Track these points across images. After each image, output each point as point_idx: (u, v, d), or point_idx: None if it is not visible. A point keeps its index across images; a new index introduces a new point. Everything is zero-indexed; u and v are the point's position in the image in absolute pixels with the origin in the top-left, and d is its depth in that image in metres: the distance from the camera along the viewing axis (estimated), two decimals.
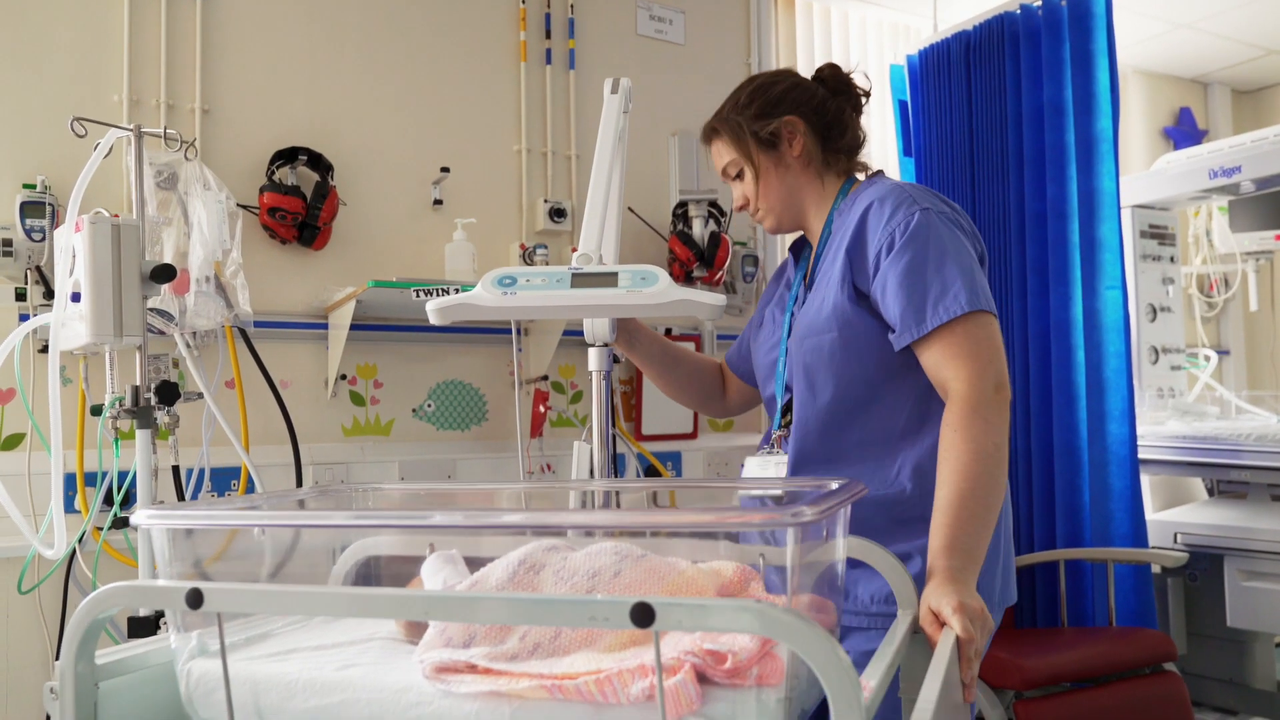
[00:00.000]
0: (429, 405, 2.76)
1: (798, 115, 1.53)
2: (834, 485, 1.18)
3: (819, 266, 1.52)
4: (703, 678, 0.90)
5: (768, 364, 1.60)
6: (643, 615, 0.79)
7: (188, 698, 1.05)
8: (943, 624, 1.07)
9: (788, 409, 1.51)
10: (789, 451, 1.48)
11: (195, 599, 0.91)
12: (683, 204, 3.05)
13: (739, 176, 1.58)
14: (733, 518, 1.12)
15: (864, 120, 1.61)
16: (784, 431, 1.51)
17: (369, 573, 1.31)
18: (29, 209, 2.20)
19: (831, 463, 1.44)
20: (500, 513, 1.20)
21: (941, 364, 1.33)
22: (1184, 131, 4.45)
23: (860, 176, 1.58)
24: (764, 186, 1.55)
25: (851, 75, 1.58)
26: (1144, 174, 3.57)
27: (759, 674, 0.90)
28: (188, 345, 2.25)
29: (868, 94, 1.60)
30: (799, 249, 1.66)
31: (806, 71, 1.61)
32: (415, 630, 1.13)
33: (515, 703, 0.93)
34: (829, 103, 1.55)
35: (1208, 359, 3.88)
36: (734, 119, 1.55)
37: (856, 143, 1.58)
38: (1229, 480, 3.16)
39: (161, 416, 1.94)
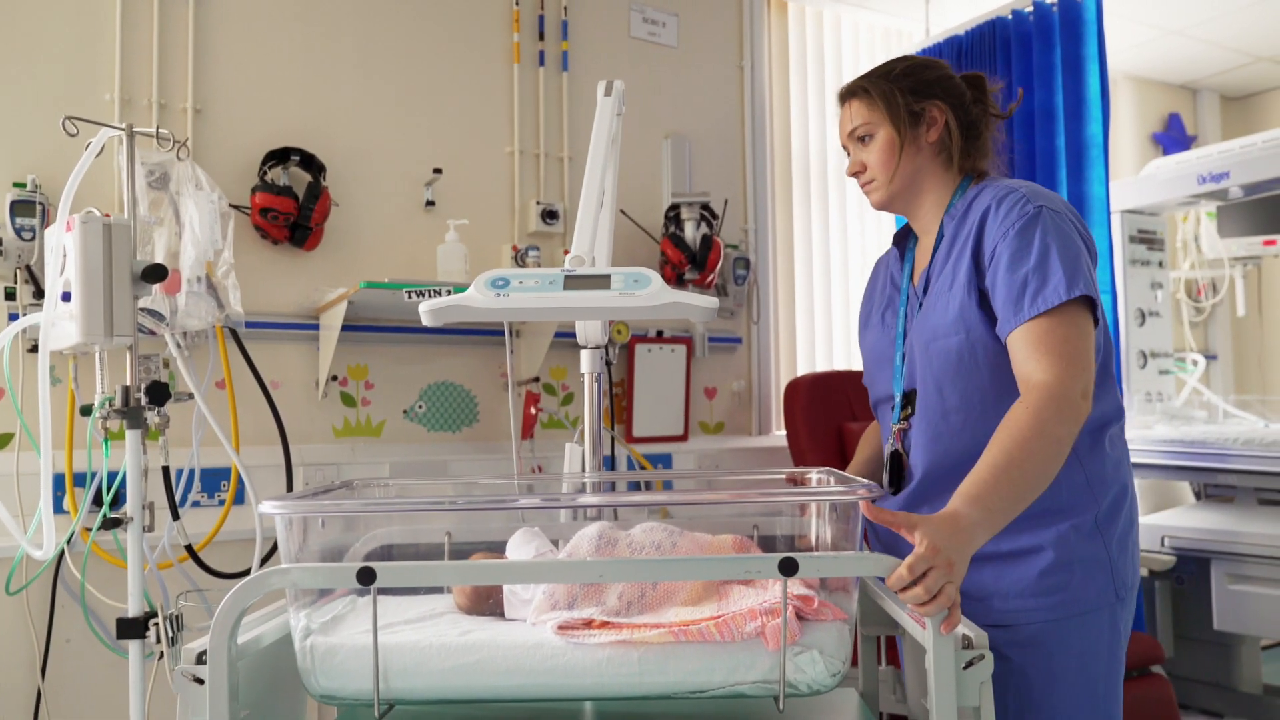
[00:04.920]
0: (420, 406, 2.76)
1: (947, 104, 1.53)
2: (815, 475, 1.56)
3: (934, 266, 1.52)
4: (798, 615, 1.15)
5: (881, 364, 1.60)
6: (789, 566, 1.06)
7: (310, 670, 1.15)
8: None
9: (906, 402, 1.52)
10: (919, 455, 1.48)
11: (367, 576, 1.05)
12: (675, 206, 3.05)
13: (863, 140, 1.56)
14: (799, 495, 1.47)
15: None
16: (904, 425, 1.51)
17: (386, 559, 1.39)
18: (19, 208, 2.19)
19: (965, 465, 1.38)
20: (580, 495, 1.60)
21: (1030, 356, 1.33)
22: (1173, 137, 4.47)
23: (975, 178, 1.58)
24: (891, 159, 1.53)
25: (993, 93, 1.59)
26: (1133, 179, 3.59)
27: (832, 612, 1.17)
28: (178, 345, 2.24)
29: (1001, 117, 1.60)
30: (902, 241, 1.66)
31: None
32: (473, 602, 1.31)
33: (641, 649, 1.12)
34: (973, 106, 1.56)
35: (1195, 363, 3.90)
36: (886, 85, 1.53)
37: (984, 152, 1.58)
38: (1216, 484, 3.18)
39: (152, 417, 1.93)
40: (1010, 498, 1.23)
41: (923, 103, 1.52)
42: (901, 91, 1.52)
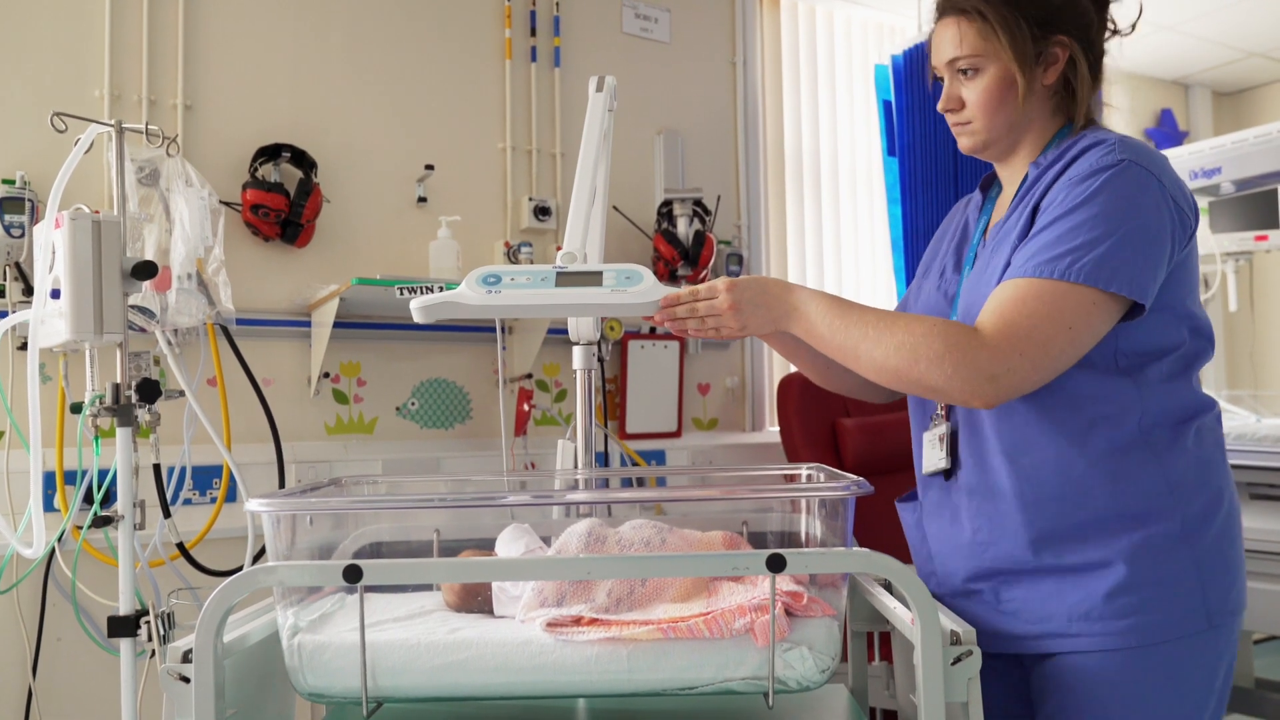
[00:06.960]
0: (413, 403, 2.75)
1: (1073, 39, 1.26)
2: (804, 471, 1.51)
3: (1005, 222, 1.30)
4: (787, 612, 1.15)
5: None
6: (776, 563, 1.04)
7: (298, 668, 1.14)
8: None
9: None
10: (961, 432, 1.31)
11: (354, 574, 1.04)
12: (667, 202, 3.05)
13: (965, 73, 1.28)
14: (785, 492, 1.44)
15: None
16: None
17: (376, 557, 1.39)
18: (8, 205, 2.17)
19: (1014, 452, 1.25)
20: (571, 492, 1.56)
21: (999, 305, 1.15)
22: (1165, 133, 4.48)
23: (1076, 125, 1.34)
24: (1000, 104, 1.27)
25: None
26: None
27: (820, 608, 1.16)
28: (169, 343, 2.23)
29: (1123, 34, 1.34)
30: (988, 187, 1.44)
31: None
32: (462, 600, 1.30)
33: (630, 645, 1.12)
34: (1099, 38, 1.29)
35: None
36: (1008, 11, 1.24)
37: (1098, 85, 1.33)
38: None
39: (142, 414, 1.92)
40: (832, 324, 1.19)
41: (1049, 37, 1.25)
42: (1027, 21, 1.23)
